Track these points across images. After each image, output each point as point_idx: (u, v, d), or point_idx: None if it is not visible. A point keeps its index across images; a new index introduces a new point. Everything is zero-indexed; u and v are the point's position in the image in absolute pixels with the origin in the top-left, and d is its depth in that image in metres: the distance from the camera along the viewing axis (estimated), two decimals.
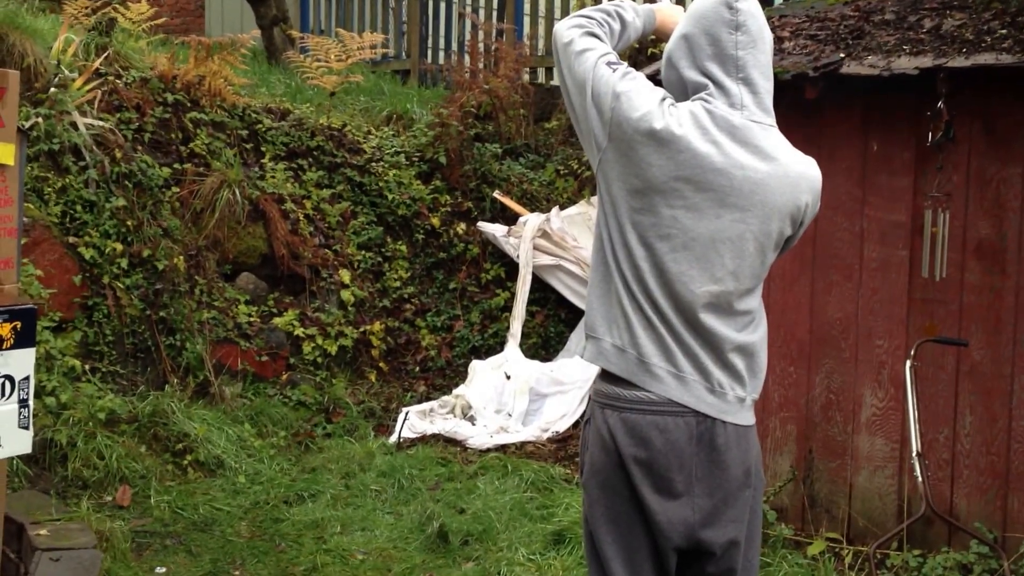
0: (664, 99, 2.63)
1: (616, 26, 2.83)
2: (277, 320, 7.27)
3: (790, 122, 3.32)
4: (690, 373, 2.61)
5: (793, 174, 2.66)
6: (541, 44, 10.47)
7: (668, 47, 2.76)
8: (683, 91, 2.70)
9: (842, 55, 5.06)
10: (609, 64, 2.66)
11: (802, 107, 5.11)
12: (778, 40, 5.40)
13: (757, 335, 2.71)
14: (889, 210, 5.12)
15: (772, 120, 2.70)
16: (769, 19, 5.72)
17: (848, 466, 5.27)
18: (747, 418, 2.69)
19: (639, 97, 2.61)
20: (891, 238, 5.12)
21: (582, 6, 9.87)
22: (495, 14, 10.88)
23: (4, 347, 3.38)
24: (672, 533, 2.61)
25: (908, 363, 4.89)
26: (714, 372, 2.62)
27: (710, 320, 2.62)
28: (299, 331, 7.29)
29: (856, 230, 5.20)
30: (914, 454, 4.78)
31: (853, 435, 5.26)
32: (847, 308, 5.25)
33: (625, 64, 2.72)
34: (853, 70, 4.92)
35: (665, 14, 2.97)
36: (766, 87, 2.69)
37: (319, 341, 7.36)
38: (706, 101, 2.63)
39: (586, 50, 2.69)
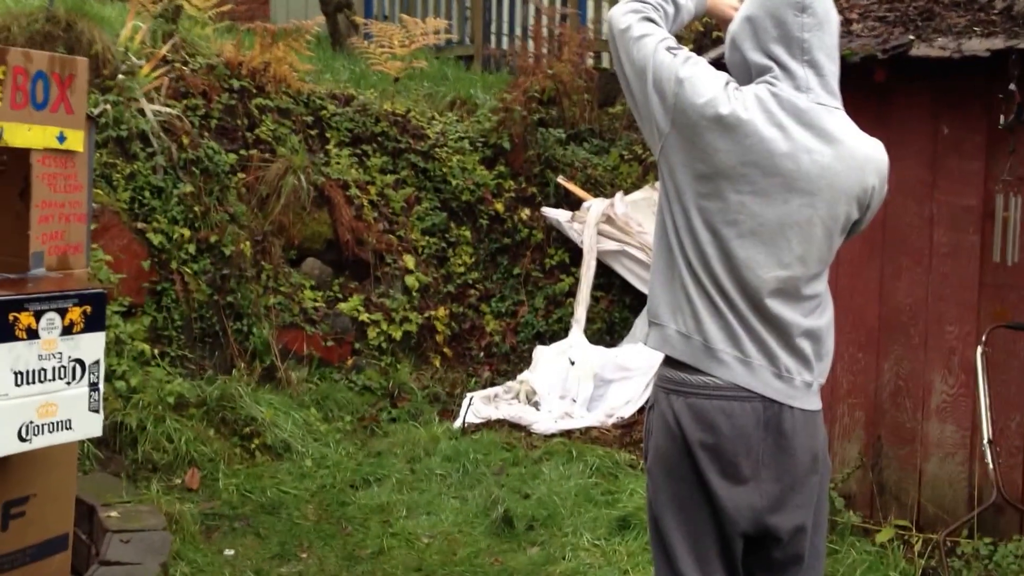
0: (728, 83, 2.61)
1: (670, 10, 2.80)
2: (342, 305, 7.31)
3: (858, 105, 3.27)
4: (756, 358, 2.58)
5: (860, 157, 2.63)
6: (605, 28, 10.40)
7: (732, 28, 2.73)
8: (747, 73, 2.67)
9: (911, 37, 4.98)
10: (669, 49, 2.64)
11: (871, 90, 5.03)
12: (846, 22, 5.32)
13: (824, 319, 2.69)
14: (960, 194, 5.03)
15: (838, 102, 2.67)
16: (837, 1, 5.64)
17: (918, 453, 5.20)
18: (814, 403, 2.67)
19: (703, 82, 2.58)
20: (962, 223, 5.03)
21: None
22: None
23: (75, 331, 3.43)
24: (739, 518, 2.59)
25: (979, 349, 4.81)
26: (781, 357, 2.60)
27: (777, 305, 2.60)
28: (364, 316, 7.33)
29: (926, 214, 5.12)
30: (985, 441, 4.70)
31: (923, 422, 5.18)
32: (917, 293, 5.17)
33: (685, 48, 2.69)
34: (923, 52, 4.84)
35: None
36: (832, 69, 2.66)
37: (384, 326, 7.39)
38: (771, 84, 2.60)
39: (645, 35, 2.66)
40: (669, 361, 2.66)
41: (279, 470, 5.91)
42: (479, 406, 6.96)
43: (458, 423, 6.80)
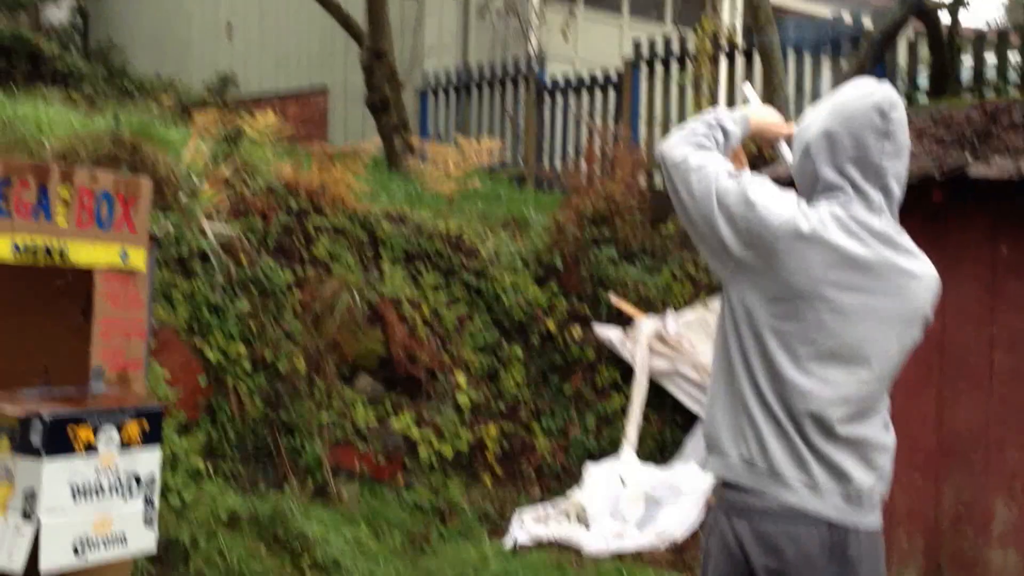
0: (799, 202, 2.63)
1: (720, 137, 2.82)
2: (394, 422, 7.31)
3: (915, 225, 3.27)
4: (825, 482, 2.56)
5: (927, 277, 2.68)
6: (657, 157, 10.51)
7: (806, 138, 2.74)
8: (813, 185, 2.69)
9: (969, 157, 4.99)
10: (730, 175, 2.66)
11: (927, 210, 5.04)
12: None
13: (892, 436, 2.71)
14: (1021, 317, 4.98)
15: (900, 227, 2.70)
16: None
17: None
18: (878, 521, 2.66)
19: (776, 204, 2.60)
20: (1023, 346, 4.97)
21: (698, 112, 9.94)
22: (611, 119, 11.00)
23: (132, 446, 3.46)
24: None
25: None
26: (855, 476, 2.59)
27: (854, 424, 2.60)
28: (415, 433, 7.31)
29: (985, 337, 5.07)
30: None
31: (984, 549, 5.06)
32: (976, 417, 5.09)
33: (745, 171, 2.72)
34: (981, 173, 4.85)
35: (758, 117, 2.97)
36: (899, 195, 2.71)
37: (435, 444, 7.37)
38: (845, 204, 2.61)
39: (703, 166, 2.68)
40: (730, 483, 2.63)
41: None
42: (529, 525, 6.89)
43: (508, 542, 6.72)
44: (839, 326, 2.57)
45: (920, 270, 2.65)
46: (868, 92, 2.67)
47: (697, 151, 2.71)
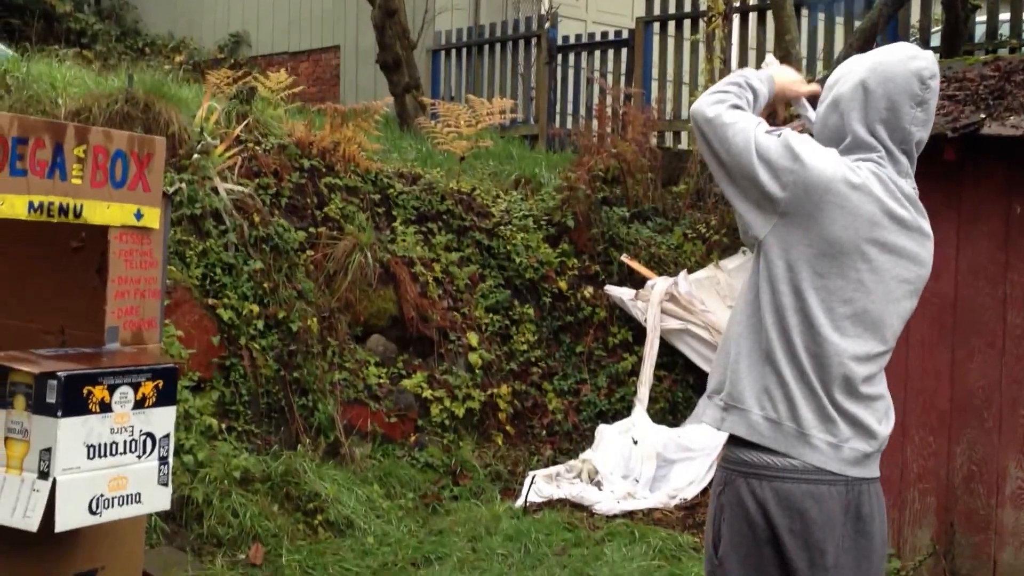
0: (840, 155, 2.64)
1: (750, 96, 2.80)
2: (406, 382, 7.33)
3: (928, 184, 3.26)
4: (847, 440, 2.59)
5: (933, 239, 2.71)
6: (669, 108, 10.48)
7: (839, 91, 2.73)
8: (838, 139, 2.68)
9: (982, 116, 4.96)
10: (768, 132, 2.64)
11: (941, 169, 5.01)
12: None
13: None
14: None
15: None
16: None
17: (992, 541, 5.08)
18: (878, 467, 2.71)
19: (822, 156, 2.60)
20: None
21: (710, 70, 9.88)
22: (623, 79, 10.94)
23: (146, 405, 3.46)
24: None
25: None
26: (875, 429, 2.63)
27: (871, 383, 2.64)
28: (427, 393, 7.33)
29: (999, 295, 5.05)
30: None
31: (997, 509, 5.07)
32: (990, 376, 5.09)
33: (784, 127, 2.71)
34: (994, 131, 4.82)
35: (781, 78, 2.95)
36: (915, 158, 2.71)
37: (447, 403, 7.39)
38: (879, 164, 2.62)
39: (737, 122, 2.65)
40: (745, 442, 2.63)
41: (341, 547, 5.89)
42: (541, 485, 6.92)
43: (520, 502, 6.75)
44: (873, 285, 2.60)
45: (930, 232, 2.70)
46: (911, 56, 2.66)
47: (730, 110, 2.68)
